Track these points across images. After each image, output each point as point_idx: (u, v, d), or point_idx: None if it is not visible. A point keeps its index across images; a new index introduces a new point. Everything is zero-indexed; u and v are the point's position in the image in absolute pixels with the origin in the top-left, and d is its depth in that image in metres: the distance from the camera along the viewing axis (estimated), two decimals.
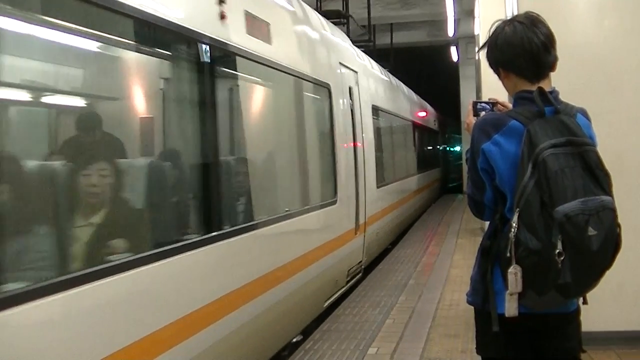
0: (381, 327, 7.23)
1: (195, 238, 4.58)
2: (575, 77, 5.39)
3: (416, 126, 19.68)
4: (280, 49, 6.44)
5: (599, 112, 3.28)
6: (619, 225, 2.62)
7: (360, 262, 9.75)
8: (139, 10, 3.98)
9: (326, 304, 8.01)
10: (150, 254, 3.99)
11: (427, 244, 13.71)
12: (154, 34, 4.31)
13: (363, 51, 13.51)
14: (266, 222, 5.80)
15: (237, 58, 5.43)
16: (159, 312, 4.08)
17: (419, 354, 6.22)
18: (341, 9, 17.22)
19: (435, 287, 9.20)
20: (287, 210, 6.37)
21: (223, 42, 5.07)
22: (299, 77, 7.05)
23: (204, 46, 4.74)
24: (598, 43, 5.88)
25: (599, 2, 6.04)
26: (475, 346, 2.99)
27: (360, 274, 9.86)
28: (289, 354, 6.56)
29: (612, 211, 2.59)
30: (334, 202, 8.12)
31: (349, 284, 9.11)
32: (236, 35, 5.32)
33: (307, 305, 7.22)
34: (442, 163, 28.76)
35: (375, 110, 12.15)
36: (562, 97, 2.83)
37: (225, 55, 5.21)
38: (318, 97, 8.06)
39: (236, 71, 5.57)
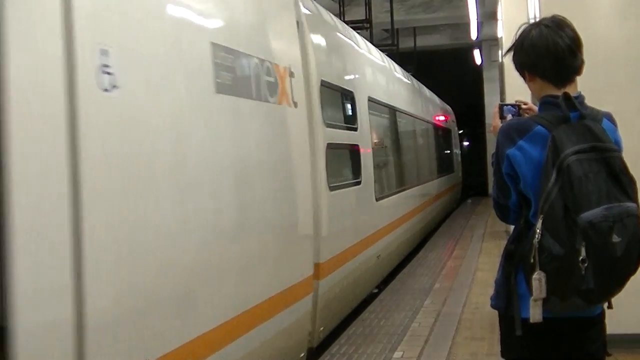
0: (407, 330, 7.24)
1: None
2: (598, 78, 5.37)
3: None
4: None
5: (623, 113, 3.27)
6: None
7: None
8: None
9: None
10: None
11: (452, 247, 13.68)
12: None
13: (387, 55, 13.59)
14: None
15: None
16: None
17: (444, 357, 6.23)
18: (364, 13, 17.27)
19: (460, 291, 9.20)
20: None
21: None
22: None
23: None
24: (621, 43, 5.86)
25: (621, 2, 6.01)
26: (500, 349, 3.00)
27: None
28: (316, 358, 6.59)
29: (637, 218, 2.57)
30: None
31: None
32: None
33: None
34: None
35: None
36: (586, 97, 2.82)
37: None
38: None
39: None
